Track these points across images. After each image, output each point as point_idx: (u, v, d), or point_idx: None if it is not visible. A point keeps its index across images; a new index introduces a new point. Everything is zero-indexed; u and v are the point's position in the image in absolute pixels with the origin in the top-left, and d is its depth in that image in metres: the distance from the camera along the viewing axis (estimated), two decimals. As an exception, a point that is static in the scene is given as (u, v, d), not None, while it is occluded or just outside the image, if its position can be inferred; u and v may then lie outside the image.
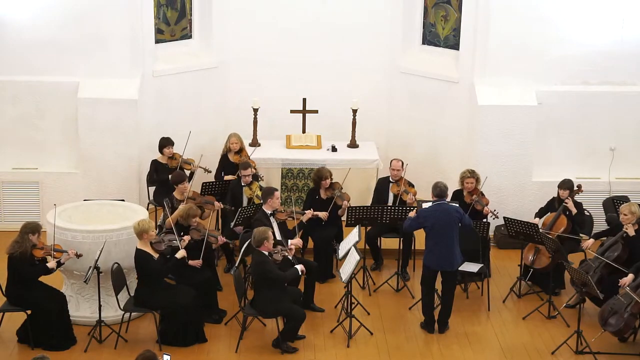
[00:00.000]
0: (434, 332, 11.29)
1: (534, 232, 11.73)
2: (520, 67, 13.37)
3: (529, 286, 12.24)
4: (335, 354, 10.83)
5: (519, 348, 11.02)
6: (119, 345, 10.80)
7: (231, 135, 13.31)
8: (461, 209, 11.29)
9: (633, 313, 10.65)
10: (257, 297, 10.73)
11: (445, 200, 11.21)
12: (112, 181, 13.45)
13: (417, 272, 12.55)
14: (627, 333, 10.92)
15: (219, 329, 11.22)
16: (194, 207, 11.45)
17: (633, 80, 13.52)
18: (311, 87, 14.24)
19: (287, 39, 14.36)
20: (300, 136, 14.14)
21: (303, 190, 13.61)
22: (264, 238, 10.68)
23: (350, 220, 12.03)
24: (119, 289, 10.88)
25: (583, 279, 10.74)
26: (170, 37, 14.28)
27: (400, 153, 13.59)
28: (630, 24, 13.32)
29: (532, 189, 13.49)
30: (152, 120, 13.80)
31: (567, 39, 13.34)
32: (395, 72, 14.40)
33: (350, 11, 14.30)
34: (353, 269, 10.90)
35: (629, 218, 11.39)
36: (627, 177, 13.68)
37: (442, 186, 11.17)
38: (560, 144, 13.62)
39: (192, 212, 11.34)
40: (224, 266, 12.60)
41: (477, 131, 13.48)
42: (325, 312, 11.63)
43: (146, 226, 10.67)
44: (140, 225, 10.67)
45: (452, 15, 14.07)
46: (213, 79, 14.40)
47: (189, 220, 11.33)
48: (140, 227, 10.65)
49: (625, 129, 13.58)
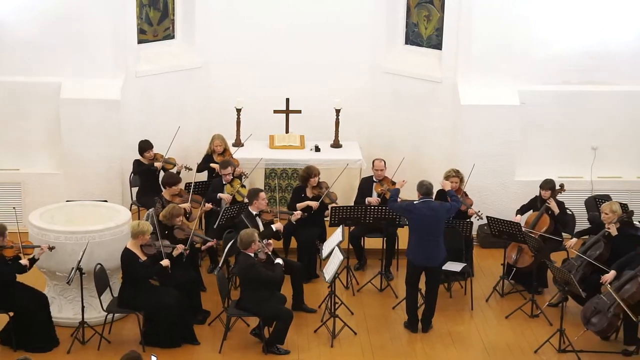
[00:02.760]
0: (418, 331, 11.31)
1: (516, 231, 11.77)
2: (503, 67, 13.41)
3: (511, 285, 12.28)
4: (319, 354, 10.84)
5: (502, 347, 11.05)
6: (102, 347, 10.77)
7: (214, 137, 13.30)
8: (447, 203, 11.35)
9: (616, 313, 10.69)
10: (245, 298, 10.72)
11: (431, 198, 11.24)
12: (95, 182, 13.41)
13: (400, 272, 12.58)
14: (610, 332, 10.97)
15: (203, 330, 11.20)
16: (178, 207, 11.43)
17: (615, 79, 13.58)
18: (294, 88, 14.24)
19: (270, 39, 14.35)
20: (284, 136, 14.14)
21: (286, 190, 13.61)
22: (252, 241, 10.67)
23: (334, 220, 12.04)
24: (102, 290, 10.85)
25: (566, 277, 10.78)
26: (153, 38, 14.25)
27: (384, 153, 13.61)
28: (611, 24, 13.38)
29: (515, 188, 13.54)
30: (135, 121, 13.76)
31: (550, 38, 13.40)
32: (378, 72, 14.42)
33: (333, 11, 14.31)
34: (337, 268, 10.91)
35: (610, 217, 11.45)
36: (609, 176, 13.74)
37: (427, 184, 11.22)
38: (543, 144, 13.67)
39: (175, 211, 11.32)
40: (208, 267, 12.59)
41: (460, 131, 13.52)
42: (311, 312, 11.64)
43: (145, 228, 10.67)
44: (140, 226, 10.66)
45: (434, 15, 14.10)
46: (196, 79, 14.38)
47: (173, 220, 11.31)
48: (139, 228, 10.64)
49: (607, 128, 13.64)
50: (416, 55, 14.29)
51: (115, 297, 10.96)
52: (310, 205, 12.37)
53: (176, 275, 11.07)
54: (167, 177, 12.31)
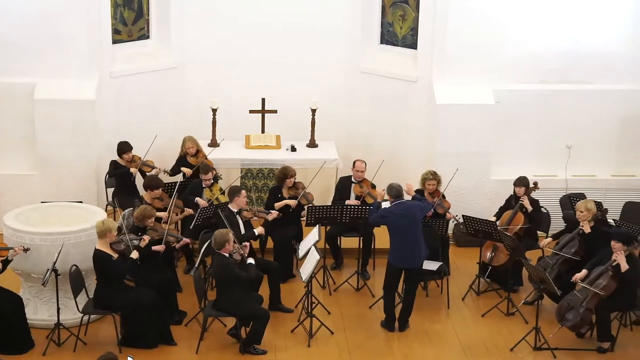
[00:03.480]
0: (395, 330, 11.34)
1: (492, 229, 11.82)
2: (478, 66, 13.47)
3: (487, 283, 12.33)
4: (296, 354, 10.84)
5: (479, 345, 11.10)
6: (78, 348, 10.73)
7: (185, 139, 13.28)
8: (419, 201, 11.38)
9: (589, 308, 10.78)
10: (222, 298, 10.71)
11: (404, 199, 11.27)
12: (71, 183, 13.35)
13: (377, 271, 12.61)
14: (584, 328, 11.04)
15: (179, 330, 11.17)
16: (149, 208, 11.38)
17: (589, 79, 13.67)
18: (271, 87, 14.23)
19: (246, 39, 14.34)
20: (260, 136, 14.13)
21: (262, 190, 13.61)
22: (226, 240, 10.66)
23: (310, 220, 12.04)
24: (78, 291, 10.81)
25: (541, 275, 10.84)
26: (127, 38, 14.20)
27: (361, 152, 13.63)
28: (585, 23, 13.46)
29: (491, 187, 13.60)
30: (110, 121, 13.72)
31: (524, 38, 13.47)
32: (354, 71, 14.44)
33: (308, 11, 14.31)
34: (313, 268, 10.92)
35: (585, 215, 11.52)
36: (583, 175, 13.83)
37: (397, 187, 11.24)
38: (518, 142, 13.74)
39: (147, 213, 11.27)
40: (184, 267, 12.56)
41: (435, 130, 13.56)
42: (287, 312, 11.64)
43: (110, 225, 10.61)
44: (104, 224, 10.61)
45: (409, 14, 14.14)
46: (172, 80, 14.35)
47: (145, 222, 11.26)
48: (104, 226, 10.58)
49: (581, 127, 13.73)
50: (391, 55, 14.32)
51: (90, 298, 10.91)
52: (288, 204, 12.36)
53: (152, 276, 11.04)
54: (149, 180, 12.26)
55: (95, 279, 10.86)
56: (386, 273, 11.31)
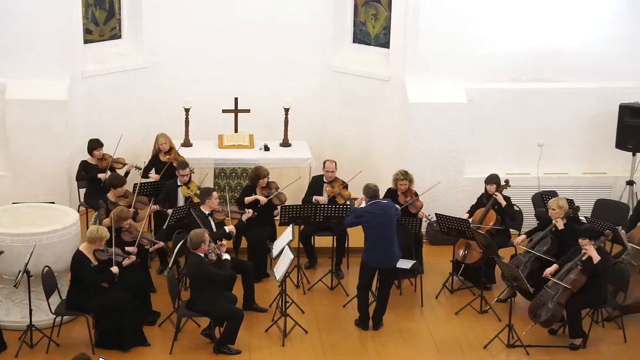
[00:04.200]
0: (369, 329, 11.35)
1: (465, 227, 11.86)
2: (450, 65, 13.51)
3: (461, 281, 12.37)
4: (271, 354, 10.84)
5: (452, 343, 11.14)
6: (50, 350, 10.67)
7: (159, 135, 13.24)
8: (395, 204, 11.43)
9: (560, 303, 10.85)
10: (196, 299, 10.68)
11: (379, 199, 11.29)
12: (42, 183, 13.27)
13: (351, 270, 12.62)
14: (556, 324, 11.11)
15: (153, 331, 11.14)
16: (126, 209, 11.35)
17: (561, 77, 13.75)
18: (243, 87, 14.21)
19: (219, 38, 14.31)
20: (233, 136, 14.11)
21: (236, 190, 13.59)
22: (202, 241, 10.63)
23: (284, 220, 12.04)
24: (50, 293, 10.75)
25: (514, 273, 10.89)
26: (99, 37, 14.14)
27: (334, 152, 13.64)
28: (557, 22, 13.54)
29: (464, 185, 13.65)
30: (82, 122, 13.65)
31: (496, 37, 13.52)
32: (327, 70, 14.44)
33: (281, 10, 14.29)
34: (287, 267, 10.92)
35: (557, 212, 11.59)
36: (555, 172, 13.91)
37: (373, 187, 11.26)
38: (491, 141, 13.80)
39: (123, 214, 11.23)
40: (157, 267, 12.53)
41: (408, 129, 13.59)
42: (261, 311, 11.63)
43: (103, 235, 10.59)
44: (98, 232, 10.57)
45: (382, 13, 14.16)
46: (144, 79, 14.29)
47: (121, 223, 11.22)
48: (97, 234, 10.55)
49: (553, 125, 13.81)
50: (364, 54, 14.34)
51: (63, 299, 10.86)
52: (258, 199, 12.34)
53: (125, 277, 10.99)
54: (112, 178, 12.22)
55: (69, 280, 10.80)
56: (360, 273, 11.32)
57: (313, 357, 10.82)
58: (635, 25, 13.57)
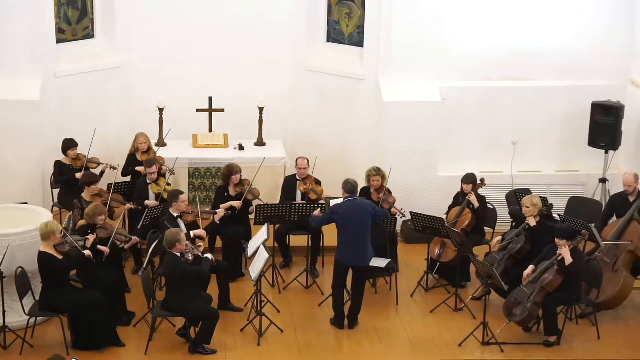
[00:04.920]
0: (344, 328, 11.36)
1: (440, 226, 11.90)
2: (424, 63, 13.55)
3: (436, 280, 12.41)
4: (246, 353, 10.83)
5: (428, 341, 11.17)
6: (24, 351, 10.61)
7: (139, 135, 13.19)
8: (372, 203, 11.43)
9: (536, 302, 10.91)
10: (171, 298, 10.65)
11: (356, 196, 11.30)
12: (15, 184, 13.18)
13: (326, 269, 12.63)
14: (531, 323, 11.17)
15: (128, 331, 11.09)
16: (101, 205, 11.30)
17: (534, 75, 13.82)
18: (218, 86, 14.17)
19: (192, 38, 14.26)
20: (207, 135, 14.08)
21: (211, 189, 13.56)
22: (176, 240, 10.60)
23: (259, 219, 12.02)
24: (24, 294, 10.68)
25: (488, 271, 10.94)
26: (72, 37, 14.07)
27: (309, 151, 13.63)
28: (529, 20, 13.61)
29: (439, 183, 13.69)
30: (55, 122, 13.57)
31: (469, 35, 13.58)
32: (301, 70, 14.43)
33: (255, 9, 14.27)
34: (262, 267, 10.91)
35: (531, 210, 11.64)
36: (528, 170, 13.97)
37: (353, 182, 11.28)
38: (464, 139, 13.85)
39: (98, 210, 11.17)
40: (132, 268, 12.48)
41: (383, 128, 13.62)
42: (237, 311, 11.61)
43: (54, 228, 10.51)
44: (48, 226, 10.50)
45: (356, 12, 14.18)
46: (117, 79, 14.23)
47: (95, 219, 11.15)
48: (48, 229, 10.47)
49: (526, 123, 13.87)
50: (338, 53, 14.34)
51: (37, 300, 10.79)
52: (233, 205, 12.33)
53: (99, 277, 10.96)
54: (86, 176, 12.16)
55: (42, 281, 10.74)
56: (334, 271, 11.33)
57: (289, 357, 10.82)
58: (607, 24, 13.67)
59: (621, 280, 11.45)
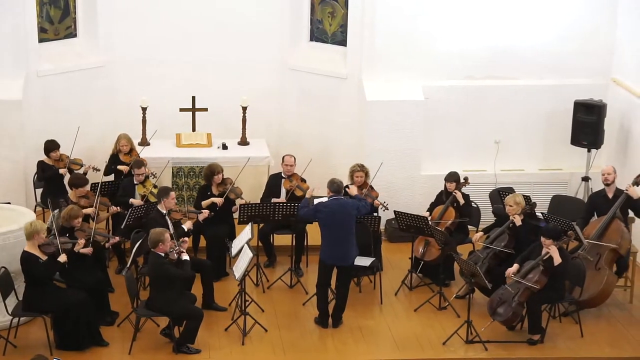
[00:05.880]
0: (328, 327, 11.37)
1: (423, 225, 11.92)
2: (407, 62, 13.58)
3: (419, 278, 12.43)
4: (230, 352, 10.82)
5: (411, 339, 11.19)
6: (8, 352, 10.57)
7: (120, 136, 13.15)
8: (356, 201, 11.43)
9: (520, 302, 10.94)
10: (155, 298, 10.63)
11: (341, 196, 11.31)
12: (-2, 184, 13.15)
13: (310, 268, 12.63)
14: (515, 322, 11.20)
15: (112, 331, 11.06)
16: (75, 208, 11.23)
17: (516, 74, 13.87)
18: (201, 85, 14.17)
19: (175, 37, 14.23)
20: (190, 134, 14.05)
21: (194, 188, 13.54)
22: (160, 240, 10.58)
23: (243, 218, 12.02)
24: (7, 294, 10.64)
25: (472, 269, 10.96)
26: (54, 36, 14.01)
27: (292, 150, 13.61)
28: (512, 19, 13.66)
29: (422, 182, 13.72)
30: (37, 121, 13.52)
31: (452, 34, 13.62)
32: (284, 69, 14.43)
33: (238, 8, 14.26)
34: (246, 266, 10.91)
35: (514, 209, 11.68)
36: (511, 169, 14.02)
37: (338, 182, 11.29)
38: (448, 138, 13.88)
39: (73, 212, 11.11)
40: (116, 267, 12.44)
41: (366, 127, 13.63)
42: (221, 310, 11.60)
43: (38, 227, 10.47)
44: (32, 225, 10.46)
45: (339, 11, 14.19)
46: (100, 78, 14.19)
47: (71, 222, 11.09)
48: (32, 228, 10.43)
49: (509, 122, 13.92)
50: (321, 52, 14.35)
51: (20, 300, 10.75)
52: (214, 202, 12.33)
53: (83, 277, 10.92)
54: (75, 178, 12.10)
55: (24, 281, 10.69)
56: (318, 270, 11.33)
57: (273, 356, 10.81)
58: (589, 23, 13.74)
59: (604, 278, 11.50)
